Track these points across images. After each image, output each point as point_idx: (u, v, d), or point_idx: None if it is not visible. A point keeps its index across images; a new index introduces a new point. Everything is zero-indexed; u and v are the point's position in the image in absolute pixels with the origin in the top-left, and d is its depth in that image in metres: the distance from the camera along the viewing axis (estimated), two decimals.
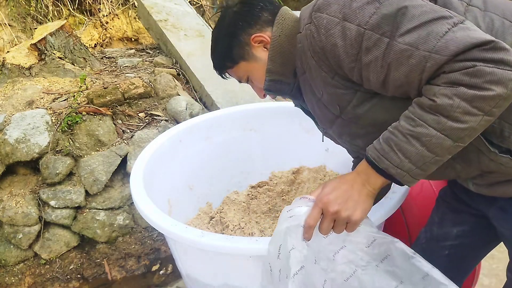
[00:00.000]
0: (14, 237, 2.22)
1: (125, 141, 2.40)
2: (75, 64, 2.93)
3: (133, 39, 4.59)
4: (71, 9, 4.29)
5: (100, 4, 4.40)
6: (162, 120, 2.54)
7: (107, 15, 4.42)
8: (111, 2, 4.45)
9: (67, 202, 2.25)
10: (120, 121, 2.50)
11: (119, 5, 4.49)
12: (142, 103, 2.62)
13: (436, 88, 0.79)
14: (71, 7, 4.28)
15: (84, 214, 2.30)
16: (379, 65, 0.84)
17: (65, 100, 2.50)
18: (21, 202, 2.23)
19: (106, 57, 3.34)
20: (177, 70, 3.03)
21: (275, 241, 1.00)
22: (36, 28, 3.51)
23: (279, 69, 1.04)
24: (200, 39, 3.31)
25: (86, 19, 4.37)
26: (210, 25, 3.61)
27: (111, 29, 4.46)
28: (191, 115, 2.55)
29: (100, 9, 4.41)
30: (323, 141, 1.21)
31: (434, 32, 0.78)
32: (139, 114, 2.56)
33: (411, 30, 0.80)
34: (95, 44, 4.37)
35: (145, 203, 1.36)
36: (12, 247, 2.25)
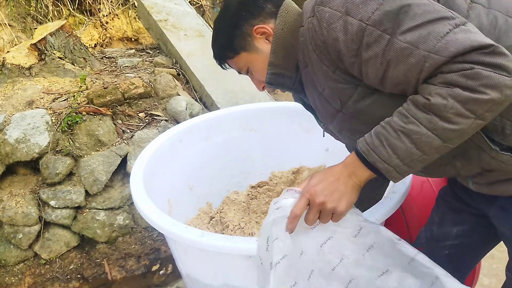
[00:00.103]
0: (14, 237, 2.22)
1: (125, 141, 2.40)
2: (75, 64, 2.93)
3: (133, 39, 4.59)
4: (71, 9, 4.29)
5: (100, 4, 4.40)
6: (162, 120, 2.54)
7: (107, 15, 4.42)
8: (111, 2, 4.45)
9: (67, 202, 2.25)
10: (120, 121, 2.50)
11: (119, 5, 4.49)
12: (142, 103, 2.62)
13: (432, 87, 0.80)
14: (71, 7, 4.28)
15: (84, 214, 2.30)
16: (379, 62, 0.84)
17: (65, 100, 2.50)
18: (21, 202, 2.23)
19: (106, 57, 3.34)
20: (177, 70, 3.03)
21: (263, 234, 1.02)
22: (36, 28, 3.51)
23: (281, 62, 1.04)
24: (200, 39, 3.31)
25: (86, 19, 4.37)
26: (210, 25, 3.61)
27: (111, 29, 4.46)
28: (191, 115, 2.55)
29: (100, 9, 4.41)
30: (323, 136, 1.21)
31: (435, 32, 0.78)
32: (139, 114, 2.56)
33: (412, 29, 0.80)
34: (95, 44, 4.37)
35: (145, 203, 1.36)
36: (12, 247, 2.25)
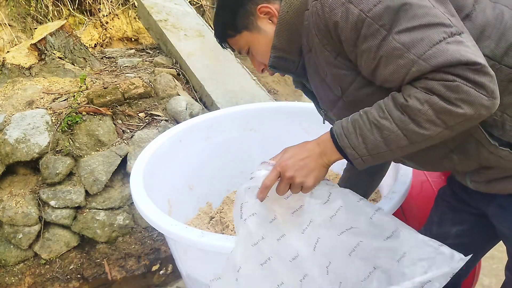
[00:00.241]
0: (14, 237, 2.22)
1: (125, 141, 2.40)
2: (75, 64, 2.93)
3: (133, 39, 4.59)
4: (71, 9, 4.29)
5: (100, 4, 4.40)
6: (162, 120, 2.55)
7: (107, 15, 4.42)
8: (111, 2, 4.45)
9: (67, 202, 2.25)
10: (120, 121, 2.50)
11: (119, 5, 4.49)
12: (142, 103, 2.62)
13: (413, 90, 0.82)
14: (71, 7, 4.28)
15: (84, 214, 2.30)
16: (372, 56, 0.85)
17: (65, 100, 2.50)
18: (21, 202, 2.23)
19: (106, 57, 3.34)
20: (177, 70, 3.03)
21: (237, 202, 1.07)
22: (36, 28, 3.51)
23: (285, 45, 1.03)
24: (200, 39, 3.31)
25: (86, 19, 4.37)
26: (210, 25, 3.61)
27: (111, 29, 4.46)
28: (191, 115, 2.55)
29: (100, 9, 4.41)
30: (323, 123, 1.21)
31: (428, 38, 0.79)
32: (139, 114, 2.57)
33: (408, 30, 0.80)
34: (95, 44, 4.37)
35: (145, 203, 1.36)
36: (12, 247, 2.25)
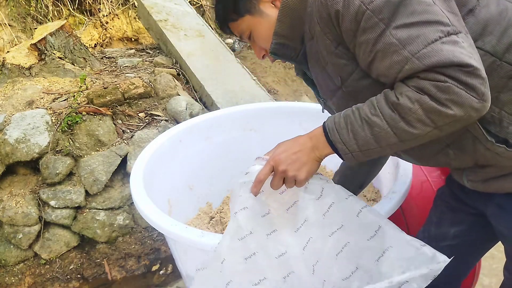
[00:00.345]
0: (14, 237, 2.22)
1: (125, 141, 2.40)
2: (75, 64, 2.93)
3: (133, 39, 4.59)
4: (71, 9, 4.29)
5: (100, 4, 4.40)
6: (162, 120, 2.55)
7: (107, 15, 4.42)
8: (111, 2, 4.45)
9: (67, 202, 2.25)
10: (120, 121, 2.50)
11: (119, 5, 4.49)
12: (142, 103, 2.62)
13: (404, 88, 0.82)
14: (71, 7, 4.28)
15: (84, 214, 2.30)
16: (369, 49, 0.85)
17: (65, 100, 2.50)
18: (21, 202, 2.23)
19: (106, 57, 3.34)
20: (177, 70, 3.03)
21: (232, 197, 1.08)
22: (36, 28, 3.51)
23: (287, 32, 1.03)
24: (200, 39, 3.31)
25: (86, 19, 4.37)
26: (210, 25, 3.61)
27: (111, 29, 4.46)
28: (191, 115, 2.55)
29: (100, 9, 4.41)
30: (323, 112, 1.21)
31: (424, 36, 0.78)
32: (139, 114, 2.57)
33: (406, 26, 0.80)
34: (95, 44, 4.37)
35: (145, 203, 1.36)
36: (12, 247, 2.25)
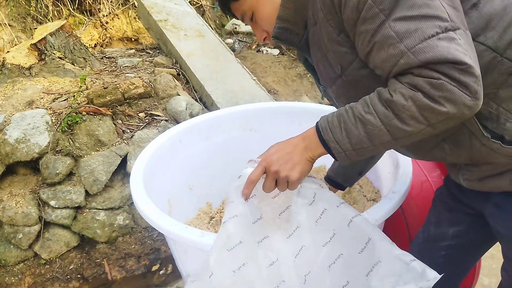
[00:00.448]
0: (14, 237, 2.22)
1: (125, 141, 2.40)
2: (75, 64, 2.93)
3: (133, 39, 4.59)
4: (71, 9, 4.29)
5: (100, 4, 4.40)
6: (162, 120, 2.55)
7: (107, 15, 4.43)
8: (111, 2, 4.45)
9: (67, 202, 2.25)
10: (120, 121, 2.50)
11: (119, 5, 4.49)
12: (142, 103, 2.62)
13: (398, 85, 0.82)
14: (71, 7, 4.28)
15: (84, 214, 2.30)
16: (367, 40, 0.85)
17: (65, 100, 2.50)
18: (21, 202, 2.23)
19: (106, 57, 3.34)
20: (177, 70, 3.03)
21: (227, 200, 1.07)
22: (36, 28, 3.51)
23: (290, 17, 1.02)
24: (200, 39, 3.31)
25: (86, 19, 4.37)
26: (210, 25, 3.61)
27: (111, 29, 4.46)
28: (191, 115, 2.55)
29: (100, 9, 4.41)
30: (322, 99, 1.21)
31: (421, 31, 0.78)
32: (139, 114, 2.57)
33: (404, 19, 0.80)
34: (95, 44, 4.37)
35: (145, 203, 1.36)
36: (12, 247, 2.25)
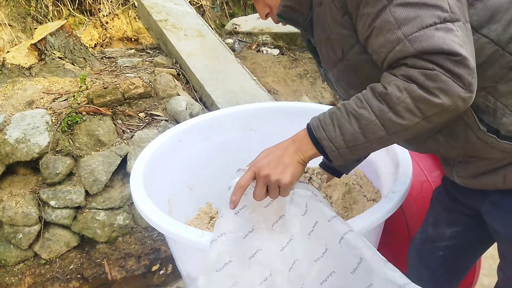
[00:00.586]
0: (14, 237, 2.22)
1: (125, 141, 2.40)
2: (75, 64, 2.93)
3: (133, 39, 4.59)
4: (71, 9, 4.29)
5: (100, 4, 4.40)
6: (162, 120, 2.55)
7: (107, 15, 4.43)
8: (111, 2, 4.45)
9: (67, 202, 2.25)
10: (120, 121, 2.50)
11: (119, 5, 4.50)
12: (142, 103, 2.62)
13: (392, 78, 0.81)
14: (71, 7, 4.28)
15: (84, 214, 2.30)
16: (368, 23, 0.84)
17: (65, 100, 2.50)
18: (21, 202, 2.23)
19: (106, 57, 3.34)
20: (177, 70, 3.03)
21: (218, 214, 1.04)
22: (36, 28, 3.51)
23: None
24: (200, 39, 3.31)
25: (86, 19, 4.37)
26: (210, 25, 3.61)
27: (111, 29, 4.46)
28: (191, 115, 2.55)
29: (100, 9, 4.41)
30: (323, 82, 1.19)
31: (420, 19, 0.78)
32: (139, 114, 2.57)
33: (405, 5, 0.79)
34: (95, 44, 4.37)
35: (145, 203, 1.36)
36: (12, 247, 2.25)
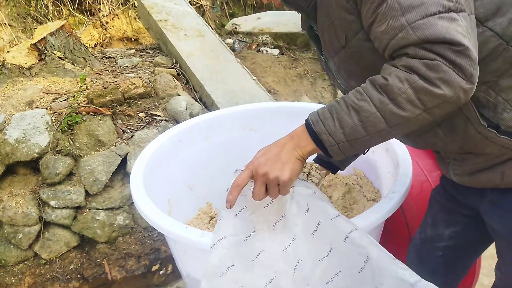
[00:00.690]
0: (14, 237, 2.22)
1: (125, 141, 2.40)
2: (75, 64, 2.93)
3: (133, 39, 4.59)
4: (71, 9, 4.29)
5: (100, 4, 4.40)
6: (162, 120, 2.55)
7: (107, 15, 4.43)
8: (111, 2, 4.45)
9: (67, 202, 2.25)
10: (120, 121, 2.50)
11: (119, 5, 4.50)
12: (142, 103, 2.62)
13: (393, 69, 0.80)
14: (71, 7, 4.28)
15: (84, 214, 2.30)
16: (372, 9, 0.83)
17: (65, 100, 2.50)
18: (21, 202, 2.23)
19: (106, 57, 3.34)
20: (177, 70, 3.03)
21: (217, 217, 1.02)
22: (36, 28, 3.51)
23: None
24: (200, 39, 3.31)
25: (86, 19, 4.37)
26: (210, 25, 3.61)
27: (111, 29, 4.46)
28: (191, 115, 2.55)
29: (100, 9, 4.41)
30: (323, 70, 1.17)
31: (424, 7, 0.77)
32: (139, 114, 2.57)
33: None
34: (95, 44, 4.37)
35: (145, 203, 1.36)
36: (12, 247, 2.25)
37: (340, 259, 0.99)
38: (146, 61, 3.22)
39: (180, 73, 3.04)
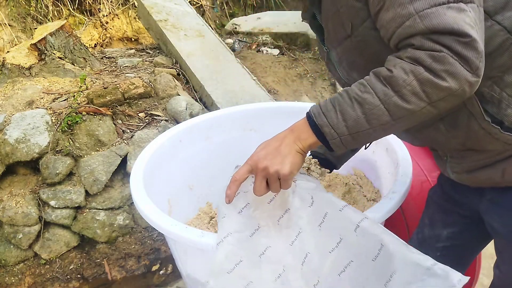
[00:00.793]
0: (14, 237, 2.22)
1: (125, 141, 2.40)
2: (75, 64, 2.93)
3: (133, 39, 4.59)
4: (71, 9, 4.29)
5: (100, 4, 4.40)
6: (162, 120, 2.55)
7: (107, 15, 4.43)
8: (111, 2, 4.45)
9: (67, 202, 2.25)
10: (120, 121, 2.50)
11: (119, 5, 4.50)
12: (142, 103, 2.62)
13: (398, 61, 0.79)
14: (71, 7, 4.28)
15: (84, 214, 2.30)
16: None
17: (65, 100, 2.50)
18: (21, 202, 2.23)
19: (106, 57, 3.34)
20: (177, 70, 3.03)
21: (218, 216, 1.01)
22: (36, 28, 3.51)
23: None
24: (200, 39, 3.31)
25: (86, 19, 4.37)
26: (210, 25, 3.61)
27: (111, 29, 4.46)
28: (191, 115, 2.55)
29: (100, 9, 4.41)
30: (325, 60, 1.15)
31: None
32: (139, 114, 2.57)
33: None
34: (95, 44, 4.37)
35: (145, 203, 1.36)
36: (12, 247, 2.25)
37: (351, 249, 0.97)
38: (146, 61, 3.22)
39: (180, 73, 3.04)
